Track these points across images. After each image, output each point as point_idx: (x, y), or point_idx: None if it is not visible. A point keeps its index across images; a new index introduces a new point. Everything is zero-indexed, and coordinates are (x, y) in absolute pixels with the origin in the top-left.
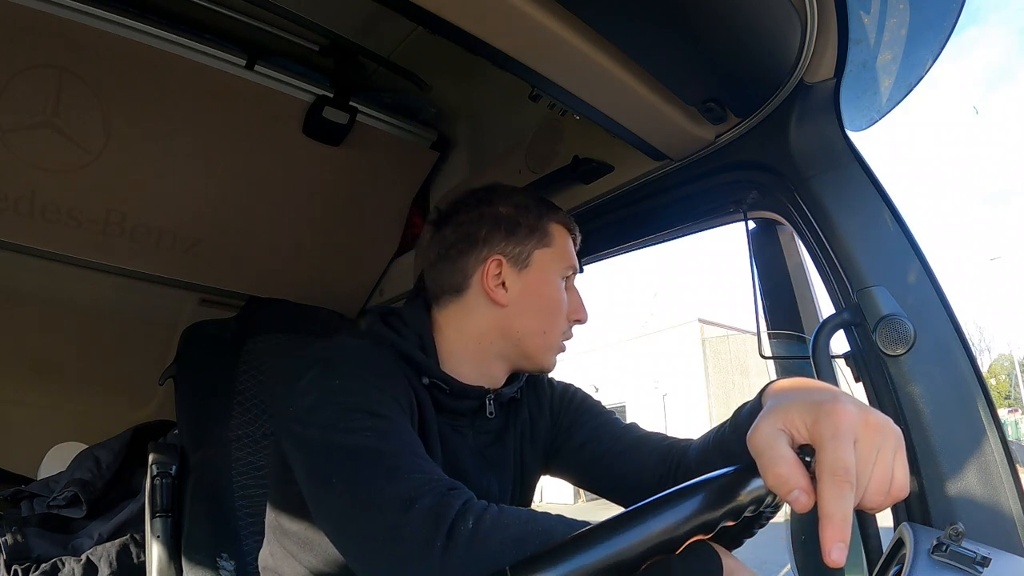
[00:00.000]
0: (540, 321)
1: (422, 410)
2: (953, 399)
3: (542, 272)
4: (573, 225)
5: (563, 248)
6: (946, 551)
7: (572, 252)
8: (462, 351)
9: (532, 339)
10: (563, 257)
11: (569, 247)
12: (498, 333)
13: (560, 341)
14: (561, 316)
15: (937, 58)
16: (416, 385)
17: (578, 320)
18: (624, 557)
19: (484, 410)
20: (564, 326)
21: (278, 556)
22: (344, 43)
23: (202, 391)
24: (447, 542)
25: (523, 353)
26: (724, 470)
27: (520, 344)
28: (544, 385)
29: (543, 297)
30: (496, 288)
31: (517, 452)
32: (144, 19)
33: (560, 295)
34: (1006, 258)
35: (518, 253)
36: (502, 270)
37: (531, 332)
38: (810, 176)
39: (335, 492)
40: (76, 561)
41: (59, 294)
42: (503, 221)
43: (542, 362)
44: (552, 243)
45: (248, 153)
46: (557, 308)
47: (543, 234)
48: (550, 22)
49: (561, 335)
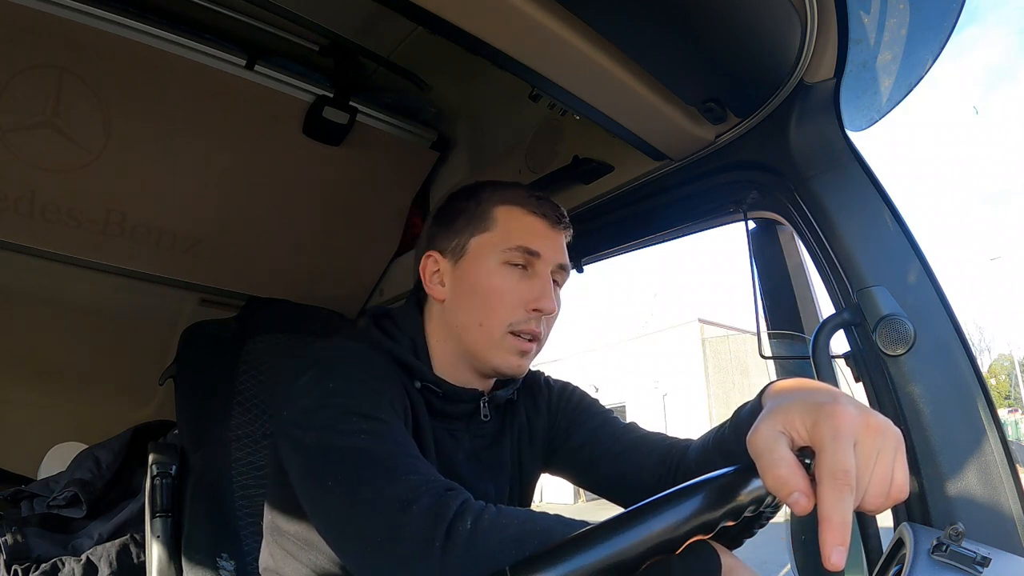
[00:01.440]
0: (474, 312)
1: (416, 414)
2: (953, 399)
3: (478, 258)
4: (529, 201)
5: (507, 230)
6: (946, 551)
7: (526, 235)
8: (440, 355)
9: (469, 333)
10: (506, 239)
11: (520, 227)
12: (445, 332)
13: (507, 335)
14: (501, 305)
15: (937, 58)
16: (410, 389)
17: (538, 309)
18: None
19: (479, 413)
20: (512, 316)
21: (278, 557)
22: (344, 43)
23: (202, 391)
24: (446, 542)
25: (468, 351)
26: (724, 470)
27: (461, 340)
28: (541, 385)
29: (476, 286)
30: (434, 285)
31: (515, 454)
32: (144, 19)
33: (496, 281)
34: (1006, 258)
35: (455, 245)
36: (439, 265)
37: (466, 325)
38: (810, 176)
39: (332, 494)
40: (76, 561)
41: (59, 294)
42: (445, 215)
43: (491, 361)
44: (492, 227)
45: (248, 153)
46: (493, 295)
47: (482, 219)
48: (550, 22)
49: (506, 326)
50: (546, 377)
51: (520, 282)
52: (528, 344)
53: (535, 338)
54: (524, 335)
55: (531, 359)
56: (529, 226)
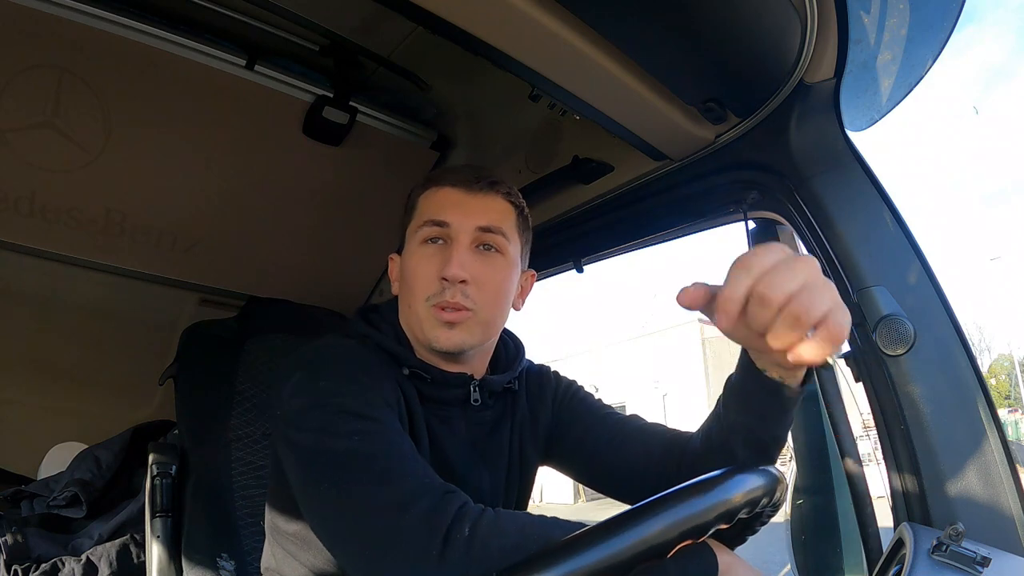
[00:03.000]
0: (405, 294)
1: (408, 403)
2: (953, 399)
3: (407, 247)
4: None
5: (421, 211)
6: (946, 551)
7: (434, 208)
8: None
9: (407, 316)
10: (419, 219)
11: (429, 203)
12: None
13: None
14: (416, 281)
15: (937, 58)
16: (400, 378)
17: (444, 278)
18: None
19: (471, 398)
20: (428, 290)
21: (279, 557)
22: (344, 43)
23: (202, 391)
24: (443, 549)
25: (414, 335)
26: (715, 472)
27: (407, 325)
28: (549, 377)
29: (405, 270)
30: (395, 283)
31: (515, 444)
32: (144, 19)
33: (414, 260)
34: (1006, 258)
35: (403, 242)
36: (396, 264)
37: (404, 309)
38: (810, 176)
39: (327, 497)
40: (76, 561)
41: (59, 294)
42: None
43: (426, 338)
44: (414, 214)
45: (248, 153)
46: (412, 274)
47: (410, 209)
48: (550, 22)
49: (424, 301)
50: (555, 372)
51: (434, 256)
52: (454, 315)
53: (457, 309)
54: (445, 307)
55: (470, 331)
56: (438, 199)
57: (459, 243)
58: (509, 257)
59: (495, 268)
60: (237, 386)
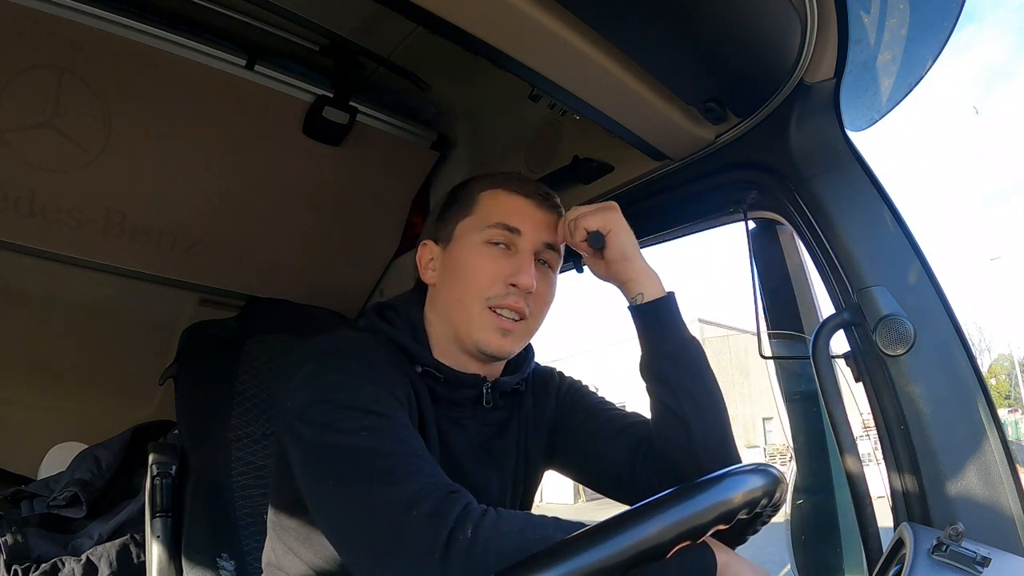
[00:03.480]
0: (455, 288)
1: (419, 401)
2: (953, 399)
3: (461, 241)
4: (512, 182)
5: (487, 211)
6: (946, 551)
7: (504, 213)
8: (437, 340)
9: (451, 310)
10: (485, 219)
11: (499, 206)
12: (436, 314)
13: (486, 311)
14: (476, 282)
15: (937, 58)
16: (412, 376)
17: (515, 284)
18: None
19: (483, 400)
20: (489, 291)
21: (280, 552)
22: (344, 43)
23: (202, 391)
24: (446, 551)
25: (454, 330)
26: (714, 474)
27: (448, 319)
28: (554, 377)
29: (459, 264)
30: (427, 271)
31: (522, 444)
32: (144, 19)
33: (476, 258)
34: (1006, 258)
35: (446, 232)
36: (432, 252)
37: (449, 302)
38: (810, 176)
39: (331, 494)
40: (76, 561)
41: (59, 294)
42: (441, 207)
43: (473, 338)
44: (475, 210)
45: (248, 153)
46: (472, 272)
47: (466, 203)
48: (550, 22)
49: (483, 301)
50: (560, 372)
51: (500, 259)
52: (511, 323)
53: (520, 316)
54: (504, 311)
55: (519, 340)
56: (510, 205)
57: (528, 253)
58: (556, 274)
59: (549, 283)
60: (237, 386)
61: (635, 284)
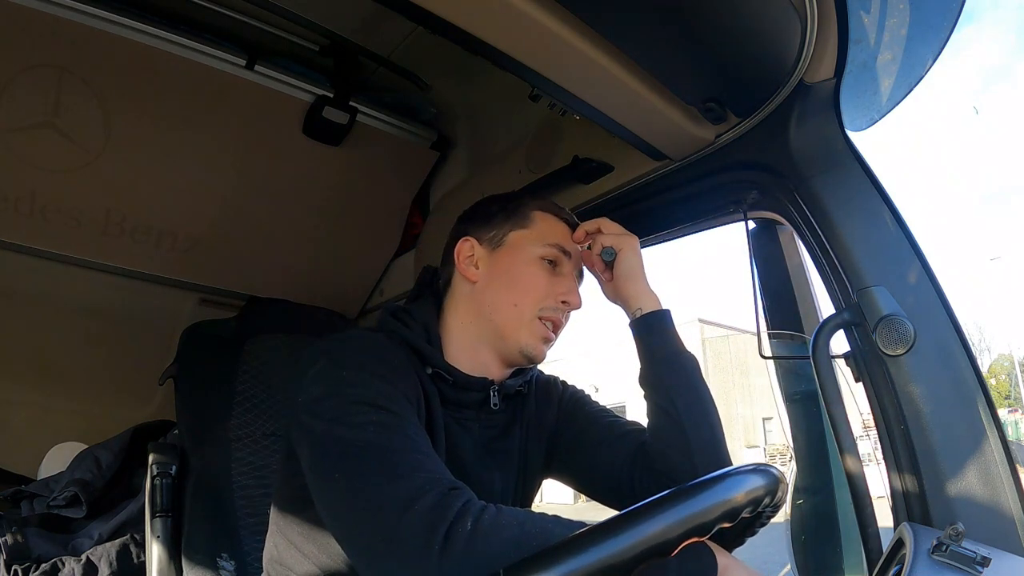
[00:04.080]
0: (510, 293)
1: (428, 403)
2: (953, 399)
3: (516, 249)
4: (562, 211)
5: (543, 230)
6: (946, 551)
7: (559, 235)
8: (458, 340)
9: (500, 313)
10: (542, 237)
11: (553, 231)
12: (473, 313)
13: (536, 319)
14: (535, 292)
15: (937, 58)
16: (422, 377)
17: (566, 302)
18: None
19: (489, 402)
20: (544, 303)
21: (282, 547)
22: (344, 43)
23: (202, 391)
24: (444, 544)
25: (497, 331)
26: (719, 472)
27: (492, 319)
28: (557, 385)
29: (514, 272)
30: (468, 267)
31: (522, 445)
32: (144, 19)
33: (534, 270)
34: (1006, 258)
35: (492, 235)
36: (475, 251)
37: (501, 304)
38: (810, 176)
39: (337, 487)
40: (76, 561)
41: (59, 294)
42: (484, 212)
43: (519, 341)
44: (530, 225)
45: (248, 153)
46: (530, 283)
47: (521, 217)
48: (550, 22)
49: (537, 311)
50: (563, 380)
51: (551, 276)
52: (551, 333)
53: (556, 328)
54: (549, 323)
55: (550, 348)
56: (560, 230)
57: (571, 276)
58: None
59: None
60: (237, 386)
61: (636, 301)
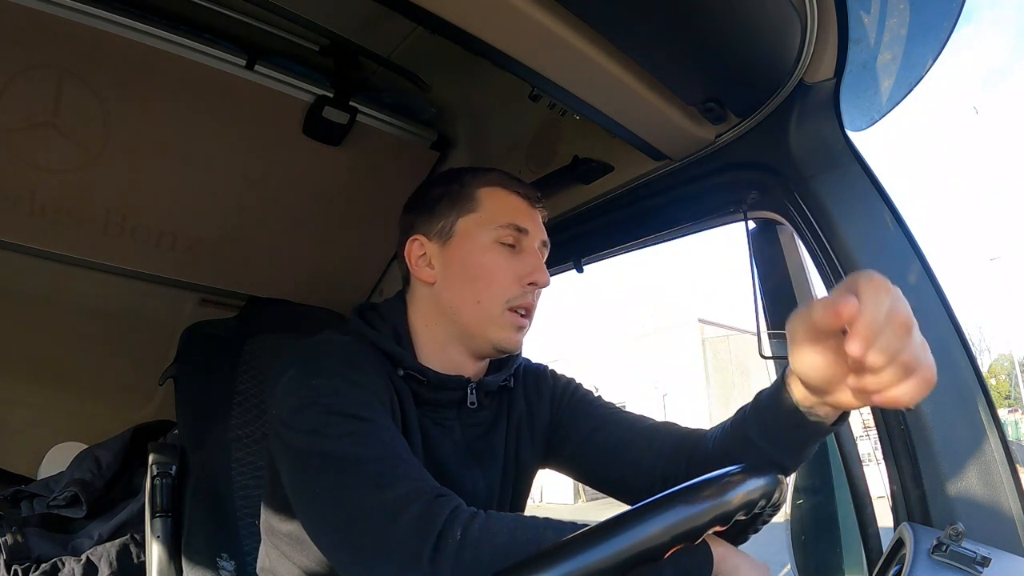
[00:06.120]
0: (470, 290)
1: (402, 404)
2: (953, 399)
3: (467, 238)
4: (511, 181)
5: (493, 210)
6: (946, 551)
7: (512, 212)
8: (427, 341)
9: (464, 312)
10: (493, 218)
11: (504, 208)
12: (436, 314)
13: (505, 312)
14: (497, 283)
15: (937, 58)
16: (395, 379)
17: (533, 283)
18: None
19: (467, 401)
20: (509, 292)
21: (273, 557)
22: (344, 43)
23: (202, 391)
24: (434, 554)
25: (465, 330)
26: (713, 474)
27: (457, 320)
28: (546, 375)
29: (469, 265)
30: (422, 268)
31: (511, 444)
32: (144, 19)
33: (490, 258)
34: (1006, 258)
35: (440, 228)
36: (425, 248)
37: (462, 303)
38: (810, 176)
39: (320, 500)
40: (76, 561)
41: (59, 294)
42: (425, 201)
43: (490, 338)
44: (478, 208)
45: (248, 153)
46: (488, 273)
47: (466, 200)
48: (550, 22)
49: (504, 302)
50: (552, 370)
51: (512, 259)
52: (523, 319)
53: (528, 312)
54: (520, 310)
55: (525, 334)
56: (514, 205)
57: (535, 252)
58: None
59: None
60: (237, 386)
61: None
